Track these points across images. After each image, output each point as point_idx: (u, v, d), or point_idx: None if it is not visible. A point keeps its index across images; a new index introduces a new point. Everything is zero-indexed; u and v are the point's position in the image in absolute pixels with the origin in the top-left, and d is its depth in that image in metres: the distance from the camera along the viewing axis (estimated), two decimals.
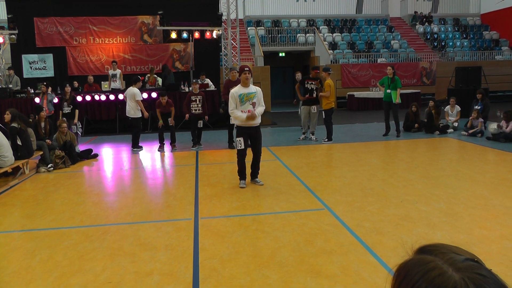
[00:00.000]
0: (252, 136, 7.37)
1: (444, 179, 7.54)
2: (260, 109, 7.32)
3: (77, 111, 11.68)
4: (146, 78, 15.58)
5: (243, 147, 7.28)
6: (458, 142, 11.31)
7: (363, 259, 4.41)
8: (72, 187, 7.85)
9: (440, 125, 12.76)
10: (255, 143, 7.45)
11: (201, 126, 11.36)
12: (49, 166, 9.26)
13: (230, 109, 7.33)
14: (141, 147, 11.45)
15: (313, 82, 11.65)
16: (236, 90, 7.30)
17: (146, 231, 5.41)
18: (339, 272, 4.13)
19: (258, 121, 7.36)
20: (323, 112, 11.64)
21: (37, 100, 13.08)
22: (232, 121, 8.87)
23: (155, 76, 15.79)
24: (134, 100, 11.08)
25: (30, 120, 10.23)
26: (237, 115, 7.22)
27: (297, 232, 5.19)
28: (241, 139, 7.26)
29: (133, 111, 11.15)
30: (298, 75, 13.64)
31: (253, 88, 7.39)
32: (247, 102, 7.23)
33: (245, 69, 7.36)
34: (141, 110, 11.22)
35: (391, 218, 5.61)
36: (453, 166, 8.52)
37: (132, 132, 11.45)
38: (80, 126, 12.03)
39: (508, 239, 4.82)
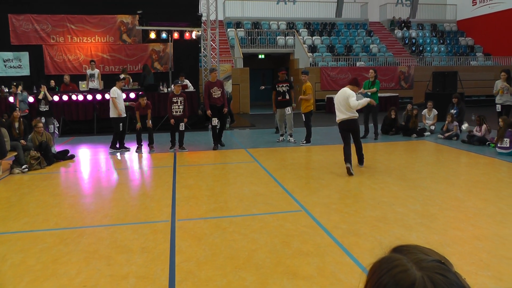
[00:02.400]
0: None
1: (420, 181, 7.63)
2: None
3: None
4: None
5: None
6: (435, 145, 11.47)
7: (339, 260, 4.43)
8: (48, 188, 7.73)
9: (418, 128, 12.93)
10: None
11: (183, 128, 11.25)
12: (23, 167, 9.09)
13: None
14: (118, 148, 11.25)
15: (283, 84, 11.76)
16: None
17: (123, 234, 5.35)
18: (316, 274, 4.15)
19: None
20: (303, 115, 11.70)
21: (11, 99, 12.86)
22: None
23: (128, 76, 15.67)
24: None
25: (3, 120, 10.05)
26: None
27: (274, 234, 5.19)
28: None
29: (111, 110, 11.05)
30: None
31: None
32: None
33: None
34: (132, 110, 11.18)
35: (368, 219, 5.66)
36: (429, 169, 8.64)
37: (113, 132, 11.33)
38: (58, 125, 11.83)
39: (479, 239, 4.91)
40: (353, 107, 8.20)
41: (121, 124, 11.17)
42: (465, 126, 11.85)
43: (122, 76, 15.26)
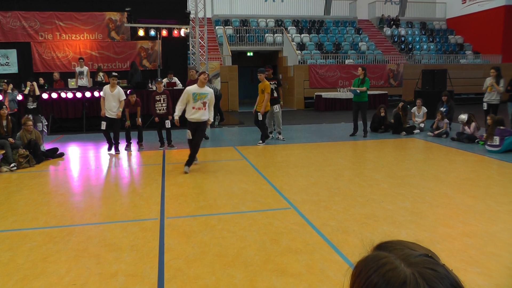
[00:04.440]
0: (196, 129, 8.39)
1: (409, 178, 7.68)
2: (211, 114, 8.56)
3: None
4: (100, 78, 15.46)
5: (190, 137, 8.43)
6: (424, 143, 11.54)
7: (328, 257, 4.45)
8: (37, 187, 7.67)
9: (407, 126, 13.00)
10: (195, 135, 8.42)
11: (169, 126, 11.19)
12: (12, 165, 9.02)
13: (177, 104, 8.46)
14: (113, 150, 10.92)
15: (271, 82, 11.68)
16: (191, 88, 8.37)
17: (112, 232, 5.33)
18: (305, 271, 4.16)
19: (203, 118, 8.38)
20: (259, 114, 11.39)
21: None
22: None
23: (104, 73, 15.62)
24: None
25: None
26: (177, 109, 8.44)
27: (263, 231, 5.20)
28: (188, 131, 8.41)
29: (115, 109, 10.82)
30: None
31: (207, 89, 8.43)
32: (199, 100, 8.28)
33: (206, 72, 8.43)
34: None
35: (357, 217, 5.69)
36: (418, 166, 8.69)
37: None
38: (46, 123, 11.71)
39: (469, 236, 4.95)
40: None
41: (103, 122, 10.68)
42: (462, 117, 11.66)
43: (101, 74, 15.25)
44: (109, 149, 10.81)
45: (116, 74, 11.34)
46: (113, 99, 10.64)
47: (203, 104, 8.29)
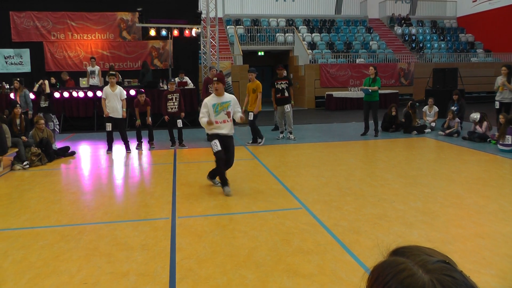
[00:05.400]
0: (226, 145, 6.93)
1: (421, 178, 7.63)
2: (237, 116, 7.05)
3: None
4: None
5: (219, 148, 6.78)
6: (435, 142, 11.46)
7: (340, 258, 4.43)
8: (48, 185, 7.73)
9: (418, 125, 12.92)
10: (229, 152, 6.99)
11: (181, 125, 11.22)
12: (24, 163, 9.10)
13: (200, 116, 6.93)
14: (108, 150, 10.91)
15: (282, 82, 11.69)
16: (209, 100, 6.89)
17: (123, 231, 5.35)
18: (316, 272, 4.15)
19: (232, 132, 7.02)
20: (251, 114, 11.32)
21: (12, 95, 12.84)
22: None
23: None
24: None
25: (4, 116, 10.04)
26: (203, 121, 6.82)
27: (274, 232, 5.19)
28: (216, 141, 6.82)
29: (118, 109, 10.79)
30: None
31: (227, 97, 6.97)
32: (222, 111, 6.85)
33: (214, 79, 6.98)
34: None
35: (368, 217, 5.66)
36: (430, 166, 8.63)
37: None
38: (57, 123, 11.78)
39: (481, 237, 4.90)
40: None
41: (108, 124, 10.65)
42: (474, 116, 11.56)
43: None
44: (109, 150, 10.83)
45: (114, 72, 11.31)
46: (115, 99, 10.57)
47: (227, 115, 6.86)
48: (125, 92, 10.86)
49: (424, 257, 0.89)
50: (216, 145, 6.79)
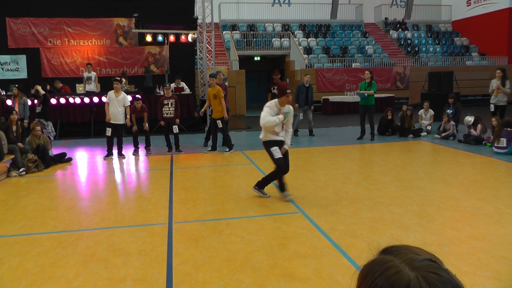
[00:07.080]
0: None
1: (417, 181, 7.66)
2: (289, 137, 6.90)
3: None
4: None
5: (281, 155, 6.67)
6: (431, 145, 11.50)
7: (336, 262, 4.45)
8: (45, 191, 7.72)
9: (414, 128, 12.97)
10: (286, 157, 6.89)
11: (177, 131, 11.21)
12: (21, 170, 9.09)
13: (265, 115, 6.54)
14: (107, 156, 10.90)
15: (273, 87, 11.72)
16: (274, 106, 6.61)
17: (120, 237, 5.35)
18: (313, 276, 4.16)
19: (287, 142, 6.86)
20: (218, 121, 10.89)
21: (9, 102, 12.83)
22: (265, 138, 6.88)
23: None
24: None
25: (1, 122, 10.02)
26: (273, 118, 6.51)
27: (271, 236, 5.20)
28: (277, 148, 6.68)
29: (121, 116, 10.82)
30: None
31: (287, 108, 6.73)
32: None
33: (287, 91, 6.57)
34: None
35: (365, 220, 5.67)
36: (426, 169, 8.66)
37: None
38: (50, 130, 11.72)
39: (477, 239, 4.93)
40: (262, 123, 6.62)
41: (108, 129, 10.69)
42: (468, 119, 11.61)
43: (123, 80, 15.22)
44: (108, 155, 10.81)
45: (118, 78, 11.34)
46: (117, 104, 10.57)
47: (282, 126, 6.71)
48: (129, 99, 10.84)
49: (411, 255, 0.93)
50: (278, 152, 6.68)
